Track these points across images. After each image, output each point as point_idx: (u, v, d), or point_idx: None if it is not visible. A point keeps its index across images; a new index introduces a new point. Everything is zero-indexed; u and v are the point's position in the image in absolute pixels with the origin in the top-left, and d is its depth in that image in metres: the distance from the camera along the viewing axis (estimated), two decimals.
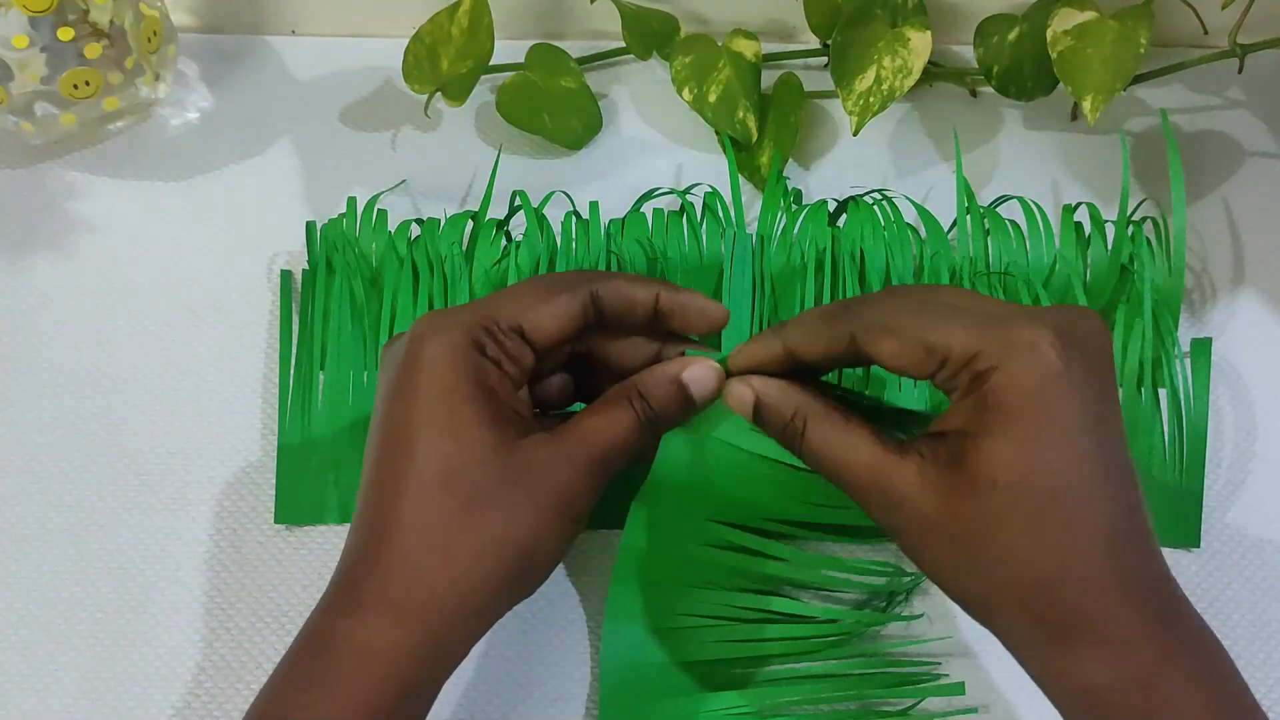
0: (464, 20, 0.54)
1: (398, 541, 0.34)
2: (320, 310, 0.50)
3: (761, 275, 0.49)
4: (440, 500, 0.34)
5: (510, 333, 0.37)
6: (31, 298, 0.52)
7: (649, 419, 0.37)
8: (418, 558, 0.34)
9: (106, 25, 0.52)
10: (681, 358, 0.39)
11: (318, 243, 0.52)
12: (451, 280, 0.50)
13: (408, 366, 0.36)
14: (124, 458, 0.48)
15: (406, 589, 0.34)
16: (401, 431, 0.35)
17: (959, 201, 0.51)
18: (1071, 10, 0.51)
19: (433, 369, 0.35)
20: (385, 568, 0.34)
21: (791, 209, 0.52)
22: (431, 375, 0.35)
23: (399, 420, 0.35)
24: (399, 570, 0.34)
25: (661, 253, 0.50)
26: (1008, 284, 0.50)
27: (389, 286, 0.50)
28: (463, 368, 0.35)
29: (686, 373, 0.38)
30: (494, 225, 0.52)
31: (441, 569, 0.34)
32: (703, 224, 0.51)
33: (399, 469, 0.35)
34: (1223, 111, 0.57)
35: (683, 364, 0.38)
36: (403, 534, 0.34)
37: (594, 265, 0.50)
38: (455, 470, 0.34)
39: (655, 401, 0.37)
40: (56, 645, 0.44)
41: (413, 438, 0.35)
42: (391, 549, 0.34)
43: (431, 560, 0.34)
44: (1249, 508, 0.47)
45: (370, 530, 0.35)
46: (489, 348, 0.36)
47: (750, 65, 0.55)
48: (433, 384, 0.35)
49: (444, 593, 0.34)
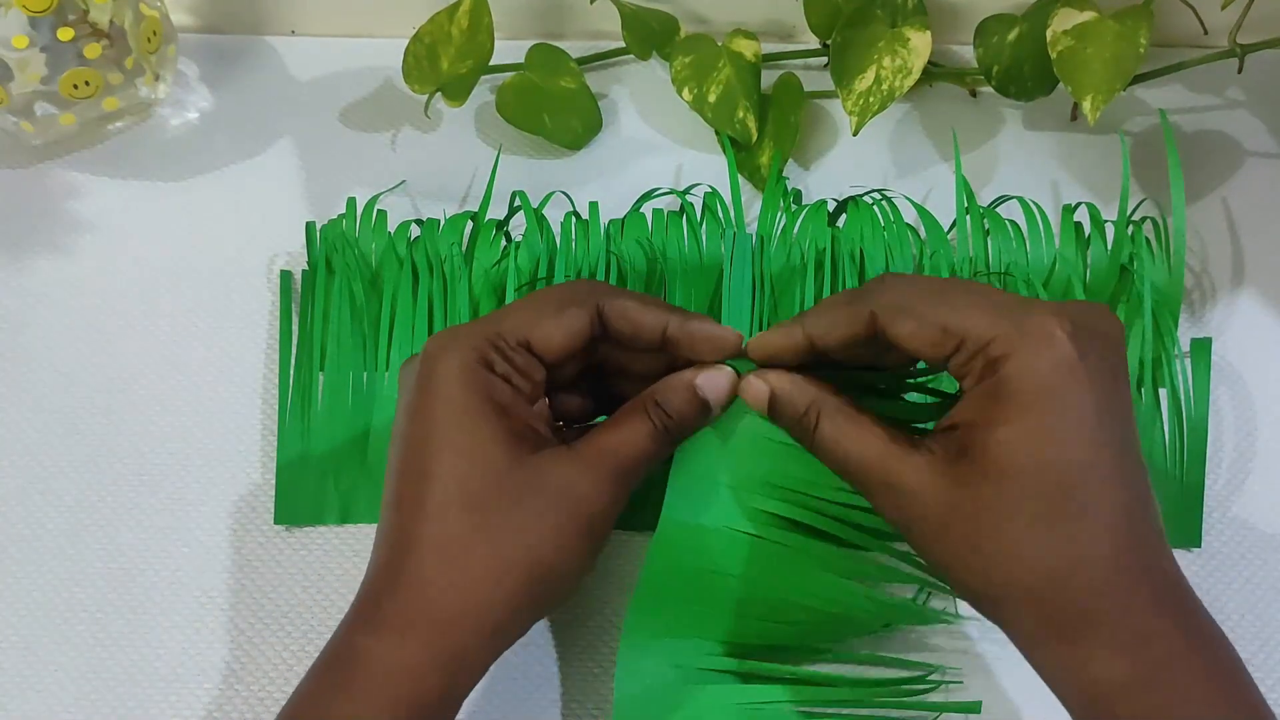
0: (464, 20, 0.54)
1: (416, 560, 0.35)
2: (320, 311, 0.50)
3: (761, 275, 0.49)
4: (456, 518, 0.35)
5: (519, 348, 0.37)
6: (31, 298, 0.52)
7: (666, 428, 0.37)
8: (436, 576, 0.34)
9: (106, 25, 0.52)
10: (695, 365, 0.39)
11: (317, 243, 0.52)
12: (451, 281, 0.50)
13: (420, 388, 0.36)
14: (124, 458, 0.48)
15: (425, 607, 0.34)
16: (417, 452, 0.35)
17: (959, 201, 0.51)
18: (1071, 10, 0.51)
19: (445, 389, 0.36)
20: (405, 587, 0.35)
21: (791, 209, 0.52)
22: (444, 395, 0.36)
23: (415, 441, 0.36)
24: (418, 589, 0.34)
25: (661, 253, 0.50)
26: (1007, 284, 0.50)
27: (389, 287, 0.50)
28: (474, 386, 0.36)
29: (700, 379, 0.38)
30: (493, 226, 0.52)
31: (459, 587, 0.34)
32: (702, 224, 0.51)
33: (416, 489, 0.35)
34: (1222, 111, 0.57)
35: (696, 371, 0.38)
36: (421, 553, 0.35)
37: (593, 267, 0.50)
38: (470, 488, 0.35)
39: (672, 410, 0.38)
40: (56, 645, 0.44)
41: (428, 458, 0.35)
42: (410, 568, 0.35)
43: (449, 578, 0.34)
44: (1249, 508, 0.47)
45: (391, 549, 0.35)
46: (498, 364, 0.36)
47: (750, 65, 0.55)
48: (445, 404, 0.35)
49: (462, 611, 0.34)
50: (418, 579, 0.34)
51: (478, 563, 0.34)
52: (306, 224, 0.53)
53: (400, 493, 0.36)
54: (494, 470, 0.35)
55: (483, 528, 0.34)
